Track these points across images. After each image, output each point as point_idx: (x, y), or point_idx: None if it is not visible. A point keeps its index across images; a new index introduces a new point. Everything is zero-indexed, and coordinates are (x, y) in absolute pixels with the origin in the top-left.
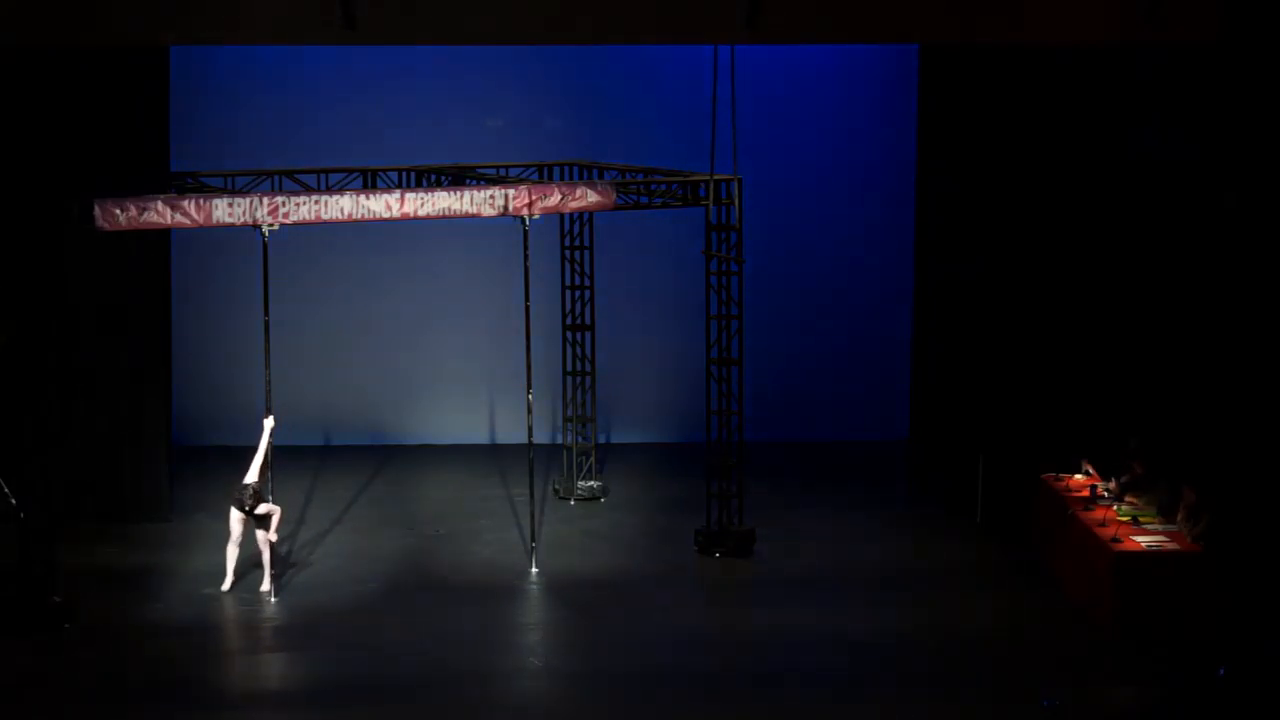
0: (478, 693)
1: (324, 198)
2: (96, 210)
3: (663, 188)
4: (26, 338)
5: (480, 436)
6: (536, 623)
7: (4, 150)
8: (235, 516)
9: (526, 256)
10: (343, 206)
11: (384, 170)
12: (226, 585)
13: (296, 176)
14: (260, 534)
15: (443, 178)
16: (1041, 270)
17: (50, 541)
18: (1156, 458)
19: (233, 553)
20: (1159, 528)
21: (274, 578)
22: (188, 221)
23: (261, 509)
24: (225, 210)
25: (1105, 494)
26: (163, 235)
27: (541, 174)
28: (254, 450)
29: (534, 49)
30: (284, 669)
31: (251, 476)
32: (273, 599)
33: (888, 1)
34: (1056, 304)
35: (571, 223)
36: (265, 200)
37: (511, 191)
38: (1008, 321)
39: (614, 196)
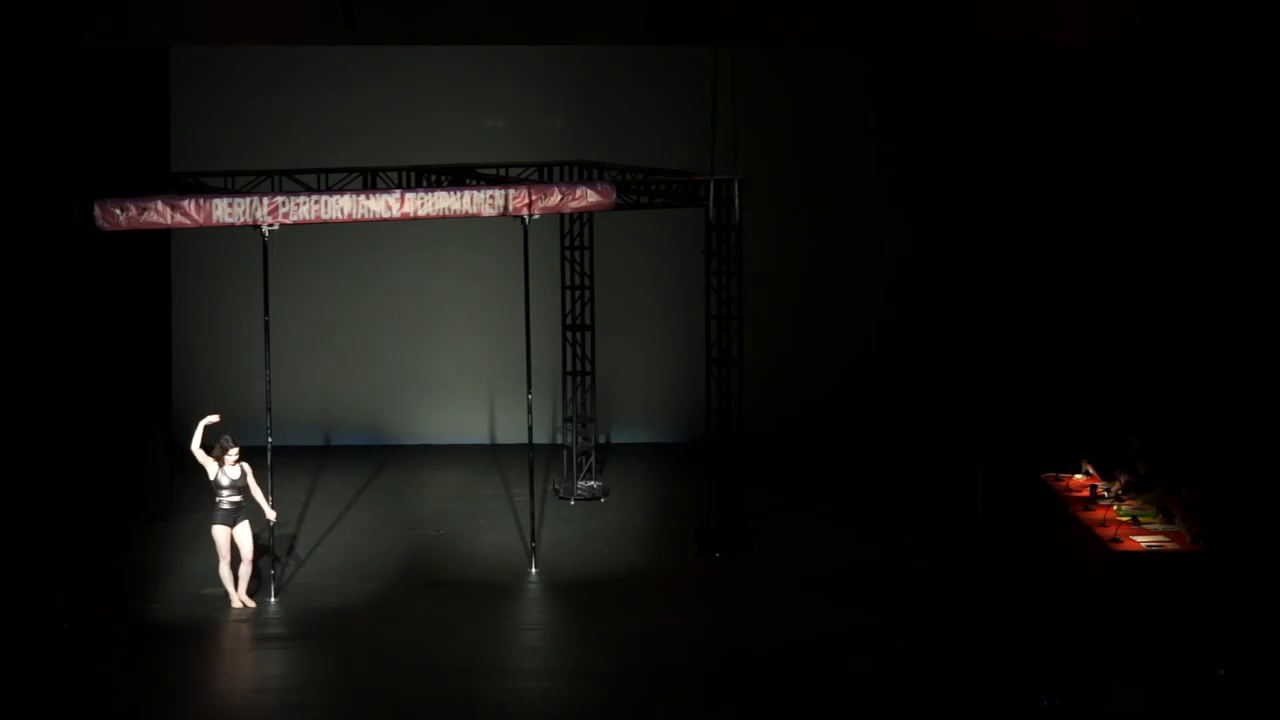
0: (477, 692)
1: (324, 198)
2: (96, 210)
3: (663, 188)
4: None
5: (480, 436)
6: (536, 623)
7: (4, 150)
8: (220, 533)
9: (526, 256)
10: (343, 206)
11: (384, 170)
12: (236, 603)
13: (296, 176)
14: (244, 548)
15: (443, 178)
16: (1041, 270)
17: (51, 541)
18: (1157, 458)
19: (227, 573)
20: (1159, 528)
21: (250, 592)
22: (188, 221)
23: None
24: (225, 210)
25: (1105, 494)
26: (163, 235)
27: (541, 174)
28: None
29: (534, 49)
30: (284, 669)
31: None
32: (267, 601)
33: (885, 3)
34: (1056, 304)
35: (571, 223)
36: (265, 200)
37: (511, 191)
38: (1008, 322)
39: (614, 196)
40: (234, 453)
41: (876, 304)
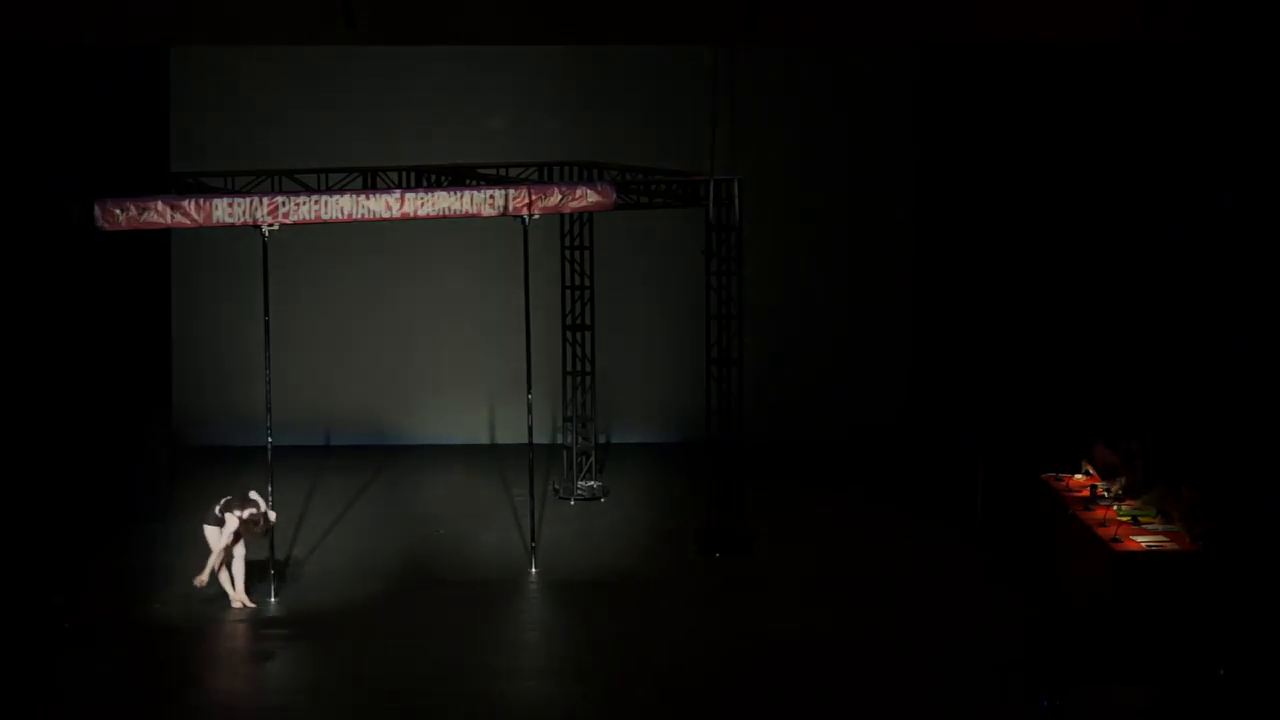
0: (477, 692)
1: (324, 198)
2: (96, 210)
3: (663, 188)
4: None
5: (480, 436)
6: (536, 623)
7: (4, 150)
8: (211, 533)
9: (526, 256)
10: (343, 206)
11: (384, 170)
12: (235, 602)
13: (296, 176)
14: (236, 547)
15: (443, 178)
16: (1041, 270)
17: (51, 541)
18: (1157, 458)
19: (223, 573)
20: (1159, 528)
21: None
22: (188, 221)
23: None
24: (225, 210)
25: (1105, 494)
26: (163, 235)
27: (541, 174)
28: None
29: (534, 49)
30: (284, 669)
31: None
32: (267, 601)
33: (885, 3)
34: (1056, 304)
35: (571, 223)
36: (265, 200)
37: (511, 191)
38: (1008, 322)
39: (614, 196)
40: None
41: (876, 304)
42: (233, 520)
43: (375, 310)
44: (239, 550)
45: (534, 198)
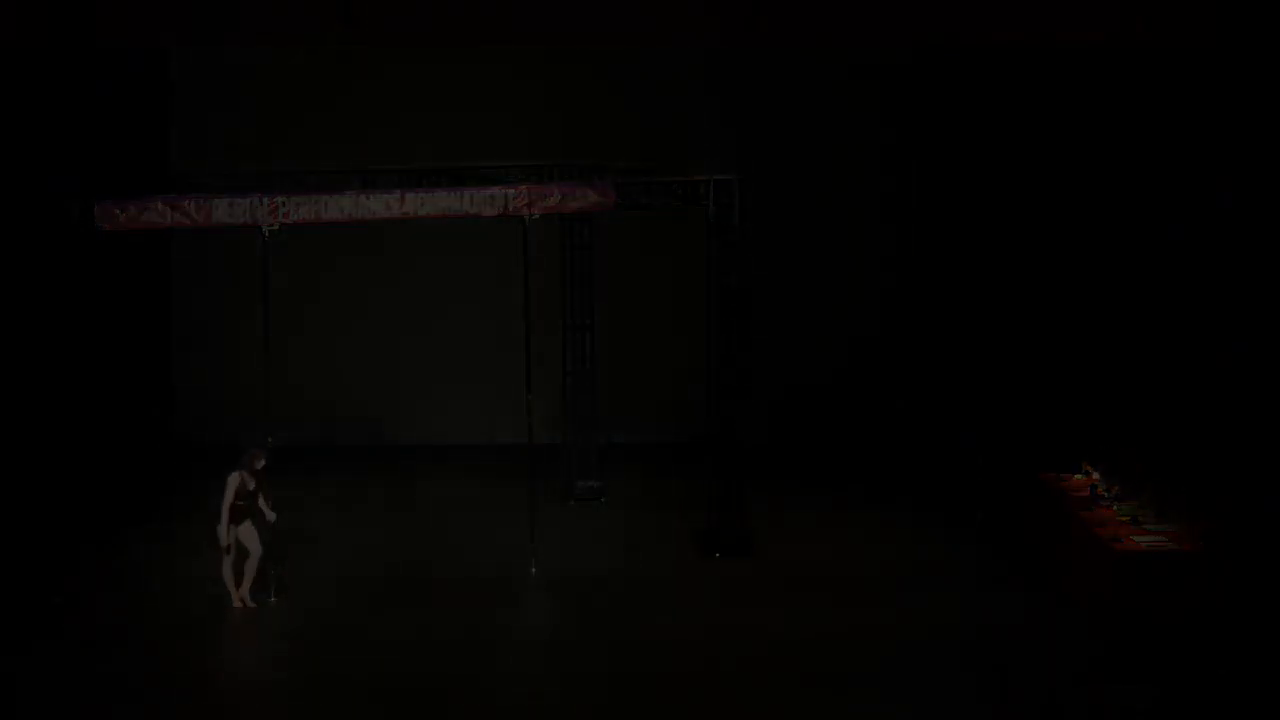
0: (477, 692)
1: (324, 198)
2: (96, 210)
3: (663, 188)
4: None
5: (480, 436)
6: (536, 624)
7: (4, 150)
8: (224, 532)
9: (526, 256)
10: (343, 206)
11: (384, 170)
12: (236, 602)
13: (296, 177)
14: (250, 546)
15: (443, 178)
16: (1041, 270)
17: (51, 541)
18: (1157, 458)
19: (228, 572)
20: (1159, 528)
21: (255, 584)
22: (188, 221)
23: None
24: (225, 210)
25: (1105, 494)
26: (163, 235)
27: (541, 174)
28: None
29: (534, 49)
30: (284, 669)
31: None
32: (267, 601)
33: (885, 4)
34: (1056, 304)
35: (572, 223)
36: (265, 200)
37: (511, 191)
38: (1007, 323)
39: (614, 196)
40: (260, 466)
41: (876, 304)
42: (234, 477)
43: (375, 311)
44: (253, 549)
45: (534, 198)
